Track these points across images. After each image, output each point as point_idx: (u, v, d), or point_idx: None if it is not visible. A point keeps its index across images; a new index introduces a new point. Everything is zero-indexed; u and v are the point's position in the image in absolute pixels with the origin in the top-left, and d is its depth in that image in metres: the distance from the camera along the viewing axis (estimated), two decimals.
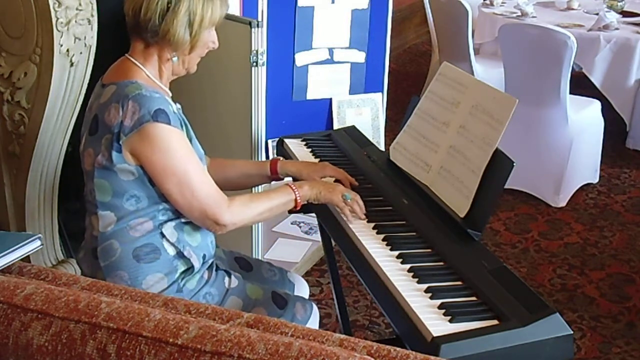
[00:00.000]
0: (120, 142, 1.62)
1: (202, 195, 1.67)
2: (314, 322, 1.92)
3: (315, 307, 1.95)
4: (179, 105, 1.81)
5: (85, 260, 1.80)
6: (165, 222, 1.73)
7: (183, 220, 1.75)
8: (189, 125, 1.76)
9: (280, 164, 2.05)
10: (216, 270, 1.85)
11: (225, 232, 1.76)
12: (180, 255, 1.75)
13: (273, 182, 2.14)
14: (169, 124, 1.63)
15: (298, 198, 1.82)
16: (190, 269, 1.76)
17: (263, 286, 1.92)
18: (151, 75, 1.73)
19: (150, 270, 1.71)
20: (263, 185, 2.46)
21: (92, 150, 1.68)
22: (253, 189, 2.64)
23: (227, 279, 1.85)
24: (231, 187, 2.04)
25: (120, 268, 1.71)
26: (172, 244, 1.74)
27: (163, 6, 1.65)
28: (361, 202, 1.85)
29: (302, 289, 2.12)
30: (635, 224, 3.60)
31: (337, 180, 2.02)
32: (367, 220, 1.85)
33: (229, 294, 1.83)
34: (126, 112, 1.61)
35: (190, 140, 1.73)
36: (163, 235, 1.73)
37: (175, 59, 1.74)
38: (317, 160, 2.23)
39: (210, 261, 1.84)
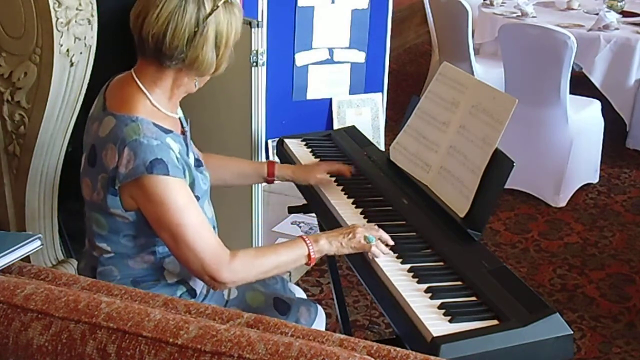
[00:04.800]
0: (116, 187, 1.55)
1: (198, 249, 1.55)
2: (319, 325, 1.87)
3: (320, 309, 1.91)
4: (188, 127, 1.74)
5: (84, 273, 1.75)
6: (167, 255, 1.66)
7: None
8: (191, 166, 1.65)
9: (278, 166, 2.01)
10: None
11: (225, 289, 1.68)
12: (182, 282, 1.71)
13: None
14: (167, 174, 1.52)
15: (312, 253, 1.66)
16: (190, 291, 1.73)
17: (265, 292, 1.88)
18: (156, 102, 1.60)
19: None
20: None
21: (90, 182, 1.61)
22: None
23: (225, 290, 1.81)
24: (225, 185, 2.00)
25: None
26: (175, 275, 1.69)
27: (191, 31, 1.51)
28: (385, 235, 1.72)
29: None
30: (635, 224, 3.60)
31: (333, 176, 2.04)
32: (367, 220, 1.85)
33: (228, 305, 1.79)
34: (121, 159, 1.51)
35: (193, 182, 1.64)
36: (164, 269, 1.68)
37: (196, 82, 1.64)
38: (318, 160, 2.23)
39: None
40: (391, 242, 1.71)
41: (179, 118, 1.73)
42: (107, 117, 1.58)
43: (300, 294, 2.10)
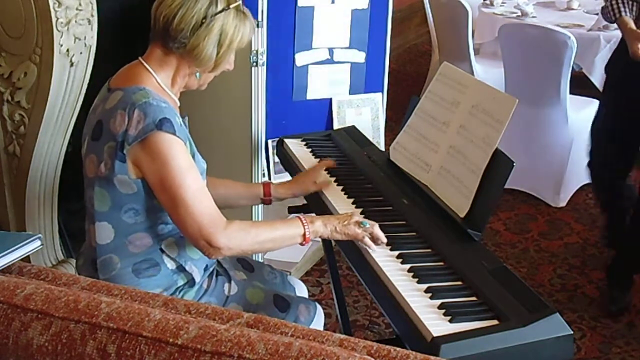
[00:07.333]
0: (125, 152, 1.59)
1: (196, 213, 1.60)
2: (318, 324, 1.89)
3: (319, 308, 1.92)
4: (186, 120, 1.79)
5: (84, 269, 1.78)
6: (165, 237, 1.72)
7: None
8: (192, 141, 1.72)
9: (273, 187, 2.04)
10: (216, 276, 1.83)
11: (220, 256, 1.70)
12: (180, 269, 1.73)
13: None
14: (174, 133, 1.59)
15: (307, 233, 1.71)
16: (190, 281, 1.75)
17: (265, 288, 1.89)
18: (162, 82, 1.71)
19: (149, 285, 1.68)
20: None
21: (95, 157, 1.66)
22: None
23: (226, 284, 1.83)
24: (220, 204, 2.02)
25: (119, 283, 1.67)
26: (173, 259, 1.72)
27: (198, 20, 1.64)
28: (379, 232, 1.73)
29: (302, 293, 2.10)
30: None
31: (327, 170, 2.10)
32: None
33: (228, 301, 1.81)
34: (131, 121, 1.57)
35: (193, 156, 1.69)
36: (163, 251, 1.71)
37: (197, 74, 1.73)
38: (317, 160, 2.23)
39: (211, 268, 1.82)
40: (384, 240, 1.72)
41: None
42: (113, 93, 1.66)
43: (301, 287, 2.12)
